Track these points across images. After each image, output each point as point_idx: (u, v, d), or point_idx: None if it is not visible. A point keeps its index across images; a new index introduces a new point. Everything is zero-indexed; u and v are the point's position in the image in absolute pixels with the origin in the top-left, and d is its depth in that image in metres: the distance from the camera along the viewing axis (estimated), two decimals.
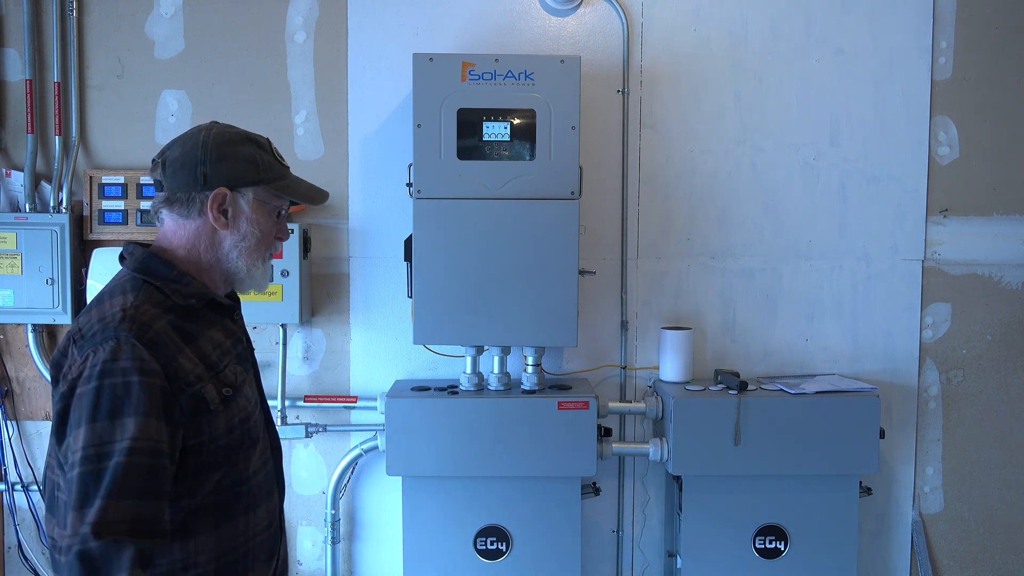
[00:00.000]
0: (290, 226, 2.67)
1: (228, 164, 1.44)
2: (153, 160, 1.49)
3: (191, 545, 1.38)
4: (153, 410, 1.26)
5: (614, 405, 2.80)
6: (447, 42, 2.84)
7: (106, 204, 2.83)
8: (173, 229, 1.47)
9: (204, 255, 1.47)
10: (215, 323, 1.47)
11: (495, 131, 2.50)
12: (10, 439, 2.92)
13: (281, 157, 1.55)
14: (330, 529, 2.88)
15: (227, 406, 1.41)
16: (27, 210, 2.81)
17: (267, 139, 1.55)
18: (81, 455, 1.23)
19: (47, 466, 1.42)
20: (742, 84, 2.88)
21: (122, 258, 1.47)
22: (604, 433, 2.72)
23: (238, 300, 1.63)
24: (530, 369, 2.67)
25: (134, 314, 1.33)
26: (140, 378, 1.27)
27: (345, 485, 2.92)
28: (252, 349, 1.65)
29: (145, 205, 2.82)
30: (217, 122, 1.53)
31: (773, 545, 2.65)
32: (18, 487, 2.91)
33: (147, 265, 1.42)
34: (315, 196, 1.61)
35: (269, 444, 1.60)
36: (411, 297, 2.57)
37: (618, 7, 2.84)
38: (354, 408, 2.90)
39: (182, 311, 1.40)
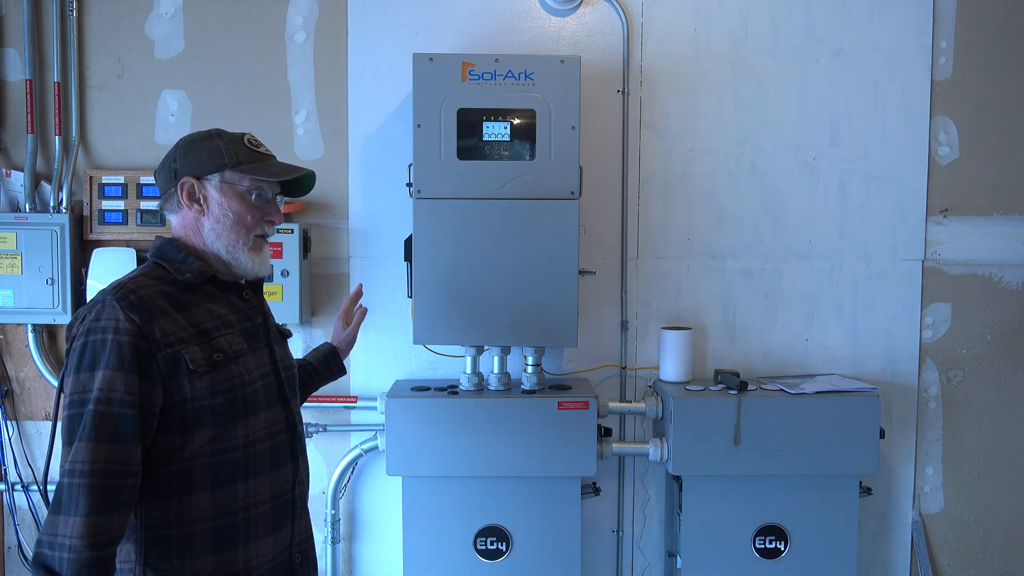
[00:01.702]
0: (290, 226, 2.73)
1: (193, 157, 1.61)
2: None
3: (186, 501, 1.50)
4: (122, 365, 1.43)
5: (614, 405, 2.80)
6: (447, 42, 2.84)
7: (106, 204, 2.83)
8: (173, 224, 1.66)
9: (195, 241, 1.62)
10: (218, 298, 1.62)
11: (495, 131, 2.50)
12: (10, 439, 2.92)
13: (256, 146, 1.66)
14: (330, 529, 2.88)
15: (214, 370, 1.52)
16: (27, 210, 2.81)
17: (242, 134, 1.66)
18: (68, 400, 1.44)
19: None
20: (742, 84, 2.88)
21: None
22: (604, 433, 2.72)
23: (258, 284, 1.72)
24: (530, 369, 2.67)
25: (125, 283, 1.52)
26: (113, 336, 1.44)
27: (345, 485, 2.92)
28: (272, 328, 1.72)
29: (145, 205, 2.83)
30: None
31: (773, 545, 2.65)
32: (18, 487, 2.91)
33: (162, 250, 1.62)
34: (282, 171, 1.65)
35: (284, 419, 1.66)
36: (411, 297, 2.57)
37: (618, 7, 2.85)
38: (354, 408, 2.91)
39: (182, 285, 1.57)
